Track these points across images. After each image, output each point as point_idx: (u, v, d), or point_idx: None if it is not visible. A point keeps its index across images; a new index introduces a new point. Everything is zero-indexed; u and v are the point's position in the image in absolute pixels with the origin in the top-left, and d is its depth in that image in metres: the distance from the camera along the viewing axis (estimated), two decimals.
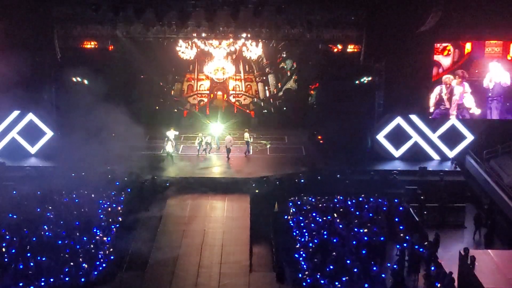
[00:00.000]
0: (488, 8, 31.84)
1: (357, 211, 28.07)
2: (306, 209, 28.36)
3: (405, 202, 28.94)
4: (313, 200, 29.26)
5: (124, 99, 36.12)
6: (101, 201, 28.67)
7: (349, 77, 37.03)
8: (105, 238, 25.62)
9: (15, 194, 29.20)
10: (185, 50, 39.32)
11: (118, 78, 38.37)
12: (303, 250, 24.83)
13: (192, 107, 41.20)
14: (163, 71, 40.77)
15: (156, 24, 33.01)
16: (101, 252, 24.52)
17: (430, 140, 34.14)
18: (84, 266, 23.34)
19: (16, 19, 32.14)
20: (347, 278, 22.22)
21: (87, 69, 35.06)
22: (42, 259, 23.45)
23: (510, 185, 30.12)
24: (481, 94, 34.72)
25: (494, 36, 33.89)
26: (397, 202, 28.80)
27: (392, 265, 23.75)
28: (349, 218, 27.45)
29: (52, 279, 22.47)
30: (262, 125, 40.25)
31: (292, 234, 26.74)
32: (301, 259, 24.31)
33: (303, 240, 25.63)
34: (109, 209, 28.18)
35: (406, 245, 24.73)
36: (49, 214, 27.31)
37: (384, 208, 28.43)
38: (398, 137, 34.16)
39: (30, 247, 24.50)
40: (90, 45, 35.89)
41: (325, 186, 30.63)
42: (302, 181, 31.28)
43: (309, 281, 22.76)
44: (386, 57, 33.37)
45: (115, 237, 26.27)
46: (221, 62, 40.05)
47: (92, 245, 24.74)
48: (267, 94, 41.63)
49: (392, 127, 34.19)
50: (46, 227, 25.98)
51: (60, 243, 24.73)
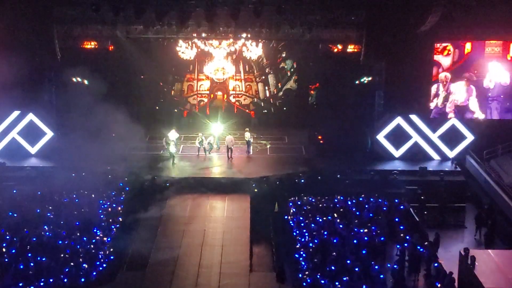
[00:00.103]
0: (488, 8, 31.81)
1: (357, 211, 28.07)
2: (306, 209, 28.36)
3: (405, 202, 28.93)
4: (313, 200, 29.26)
5: (124, 99, 36.12)
6: (101, 201, 28.69)
7: (349, 77, 36.98)
8: (105, 238, 25.63)
9: (16, 194, 29.21)
10: (185, 50, 39.24)
11: (118, 78, 38.35)
12: (303, 250, 24.83)
13: (192, 107, 41.19)
14: (163, 71, 40.70)
15: (156, 24, 32.95)
16: (101, 252, 24.53)
17: (430, 140, 34.11)
18: (84, 266, 23.34)
19: (16, 19, 32.09)
20: (347, 278, 22.20)
21: (87, 69, 35.00)
22: (42, 259, 23.43)
23: (510, 185, 30.13)
24: (481, 94, 34.75)
25: (494, 36, 33.90)
26: (397, 202, 28.80)
27: (392, 265, 23.76)
28: (349, 218, 27.46)
29: (52, 279, 22.44)
30: (262, 125, 40.21)
31: (292, 234, 26.76)
32: (301, 259, 24.32)
33: (303, 240, 25.62)
34: (109, 209, 28.20)
35: (407, 245, 24.71)
36: (49, 214, 27.34)
37: (384, 208, 28.43)
38: (398, 137, 34.13)
39: (30, 247, 24.48)
40: (90, 45, 35.90)
41: (325, 186, 30.64)
42: (302, 181, 31.29)
43: (309, 281, 22.74)
44: (386, 57, 33.33)
45: (115, 237, 26.29)
46: (221, 62, 39.97)
47: (92, 245, 24.74)
48: (267, 94, 41.58)
49: (392, 127, 34.17)
50: (46, 227, 25.99)
51: (60, 243, 24.72)
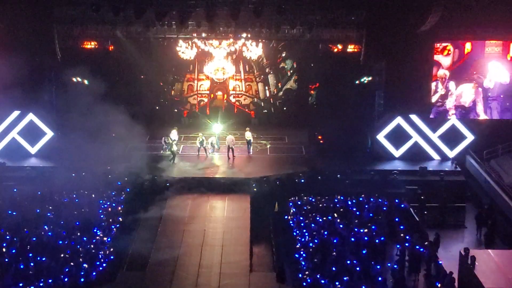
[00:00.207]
0: (488, 8, 31.85)
1: (357, 211, 28.07)
2: (306, 209, 28.36)
3: (405, 202, 28.93)
4: (313, 200, 29.26)
5: (124, 99, 36.09)
6: (101, 201, 28.70)
7: (349, 77, 36.97)
8: (105, 238, 25.62)
9: (16, 194, 29.20)
10: (185, 50, 39.20)
11: (118, 78, 38.35)
12: (303, 250, 24.82)
13: (192, 107, 41.18)
14: (163, 71, 40.69)
15: (156, 24, 33.00)
16: (101, 252, 24.52)
17: (430, 140, 34.08)
18: (84, 266, 23.31)
19: (16, 19, 32.13)
20: (347, 278, 22.19)
21: (87, 69, 34.95)
22: (42, 259, 23.43)
23: (510, 185, 30.13)
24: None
25: (494, 36, 33.92)
26: (397, 202, 28.80)
27: (392, 265, 23.76)
28: (349, 218, 27.45)
29: (52, 279, 22.42)
30: (262, 125, 40.21)
31: (292, 234, 26.76)
32: (301, 259, 24.32)
33: (303, 240, 25.62)
34: (109, 209, 28.20)
35: (407, 245, 24.71)
36: (49, 214, 27.34)
37: (384, 208, 28.43)
38: (398, 137, 34.11)
39: (30, 247, 24.47)
40: (90, 45, 35.97)
41: (325, 186, 30.65)
42: (302, 181, 31.28)
43: (309, 281, 22.73)
44: (386, 57, 33.35)
45: (115, 237, 26.28)
46: (221, 62, 39.94)
47: (92, 245, 24.73)
48: (267, 94, 41.56)
49: (392, 127, 34.14)
50: (46, 227, 25.98)
51: (60, 243, 24.73)
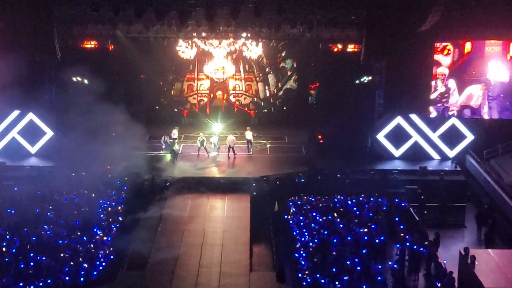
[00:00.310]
0: (488, 8, 31.84)
1: (357, 211, 28.07)
2: (306, 208, 28.34)
3: (405, 202, 28.92)
4: (313, 199, 29.25)
5: (124, 98, 36.11)
6: (101, 201, 28.68)
7: (349, 77, 36.95)
8: (105, 238, 25.60)
9: (16, 193, 29.19)
10: (185, 50, 39.23)
11: (118, 78, 38.39)
12: (303, 249, 24.81)
13: (192, 107, 41.18)
14: (163, 70, 40.71)
15: (156, 24, 32.97)
16: (101, 252, 24.51)
17: (430, 140, 34.09)
18: (84, 265, 23.30)
19: (16, 19, 32.10)
20: (347, 278, 22.19)
21: (87, 68, 34.93)
22: (42, 258, 23.41)
23: (510, 184, 30.12)
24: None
25: (494, 36, 33.92)
26: (397, 201, 28.80)
27: (392, 264, 23.74)
28: (349, 218, 27.45)
29: (52, 279, 22.41)
30: (262, 124, 40.24)
31: (292, 234, 26.74)
32: (301, 258, 24.31)
33: (303, 239, 25.60)
34: (109, 208, 28.18)
35: (407, 244, 24.70)
36: (49, 213, 27.32)
37: (384, 208, 28.41)
38: (398, 136, 34.12)
39: (30, 247, 24.46)
40: (90, 45, 35.92)
41: (325, 185, 30.65)
42: (302, 180, 31.28)
43: (309, 280, 22.72)
44: (386, 57, 33.33)
45: (115, 236, 26.27)
46: (221, 61, 39.97)
47: (92, 245, 24.72)
48: (267, 94, 41.57)
49: (392, 126, 34.15)
50: (46, 226, 25.97)
51: (60, 242, 24.70)
